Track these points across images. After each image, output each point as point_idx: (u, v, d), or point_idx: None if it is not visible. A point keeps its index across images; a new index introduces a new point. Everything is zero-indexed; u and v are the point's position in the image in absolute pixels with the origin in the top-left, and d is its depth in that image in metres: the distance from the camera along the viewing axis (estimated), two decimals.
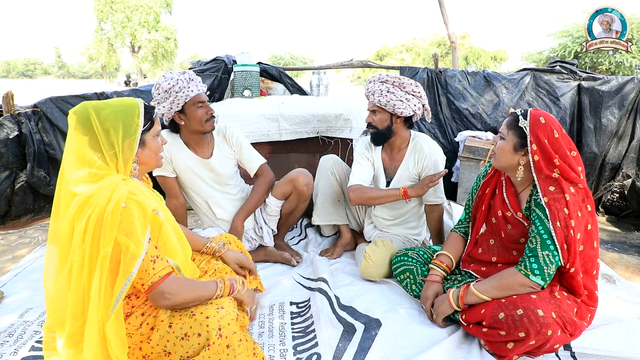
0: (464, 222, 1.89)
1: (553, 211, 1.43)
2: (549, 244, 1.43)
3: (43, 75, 63.37)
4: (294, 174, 2.30)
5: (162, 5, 31.36)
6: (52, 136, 3.01)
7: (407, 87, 2.06)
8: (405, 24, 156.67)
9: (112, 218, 1.13)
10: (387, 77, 2.07)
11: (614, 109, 3.44)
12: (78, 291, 1.16)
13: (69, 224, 1.17)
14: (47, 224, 2.97)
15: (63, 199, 1.21)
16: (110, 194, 1.15)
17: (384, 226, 2.36)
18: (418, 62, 30.67)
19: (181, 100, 1.99)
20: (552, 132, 1.48)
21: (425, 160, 2.14)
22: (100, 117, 1.21)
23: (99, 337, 1.15)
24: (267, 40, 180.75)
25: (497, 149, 1.59)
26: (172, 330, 1.25)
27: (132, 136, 1.24)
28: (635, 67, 9.83)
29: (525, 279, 1.45)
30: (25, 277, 2.12)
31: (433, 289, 1.73)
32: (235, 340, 1.25)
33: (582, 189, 1.49)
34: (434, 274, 1.77)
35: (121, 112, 1.24)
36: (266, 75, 3.69)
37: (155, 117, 1.36)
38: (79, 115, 1.22)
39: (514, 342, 1.43)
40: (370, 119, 2.13)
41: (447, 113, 3.63)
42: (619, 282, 2.08)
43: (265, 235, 2.38)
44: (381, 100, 2.04)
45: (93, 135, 1.20)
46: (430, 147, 2.16)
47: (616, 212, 3.43)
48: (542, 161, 1.48)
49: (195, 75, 2.06)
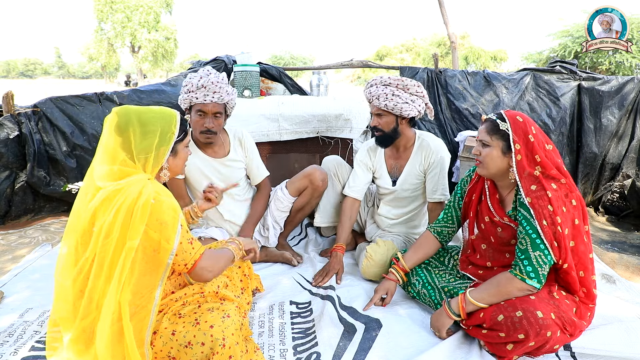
0: (441, 221, 1.89)
1: (537, 210, 1.44)
2: (538, 243, 1.43)
3: (43, 75, 63.40)
4: (310, 169, 2.34)
5: (162, 5, 31.36)
6: (52, 136, 3.01)
7: (410, 89, 2.07)
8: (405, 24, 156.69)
9: (142, 212, 1.16)
10: (390, 80, 2.06)
11: (614, 109, 3.44)
12: (96, 283, 1.17)
13: (91, 215, 1.19)
14: (47, 224, 2.97)
15: (88, 191, 1.25)
16: (141, 188, 1.19)
17: (387, 225, 2.37)
18: (418, 62, 30.68)
19: (187, 102, 2.03)
20: (531, 129, 1.51)
21: (432, 157, 2.16)
22: (141, 122, 1.26)
23: (113, 331, 1.15)
24: (267, 40, 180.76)
25: (484, 157, 1.58)
26: (175, 338, 1.26)
27: (166, 144, 1.30)
28: (635, 67, 9.84)
29: (522, 283, 1.45)
30: (25, 277, 2.13)
31: (385, 285, 1.85)
32: (238, 351, 1.25)
33: (564, 184, 1.49)
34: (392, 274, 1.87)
35: (160, 120, 1.30)
36: (266, 75, 3.69)
37: (188, 128, 1.43)
38: (120, 116, 1.26)
39: (513, 343, 1.43)
40: (375, 122, 2.13)
41: (447, 113, 3.63)
42: (619, 282, 2.08)
43: (271, 236, 2.39)
44: (388, 104, 2.04)
45: (128, 137, 1.24)
46: (436, 144, 2.19)
47: (616, 212, 3.43)
48: (525, 159, 1.49)
49: (218, 85, 1.99)
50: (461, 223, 1.86)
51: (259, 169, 2.33)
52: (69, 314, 1.22)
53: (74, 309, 1.21)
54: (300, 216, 2.46)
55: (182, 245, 1.25)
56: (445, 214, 1.88)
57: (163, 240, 1.20)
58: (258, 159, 2.33)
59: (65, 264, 1.24)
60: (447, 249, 1.97)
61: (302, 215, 2.46)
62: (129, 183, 1.20)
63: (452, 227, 1.87)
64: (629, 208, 3.35)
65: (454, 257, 1.91)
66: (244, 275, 1.78)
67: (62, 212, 3.17)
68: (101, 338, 1.14)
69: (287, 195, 2.36)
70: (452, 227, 1.87)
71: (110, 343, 1.14)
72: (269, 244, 2.39)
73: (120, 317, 1.15)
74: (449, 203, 1.89)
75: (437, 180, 2.17)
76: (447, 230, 1.88)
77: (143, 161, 1.26)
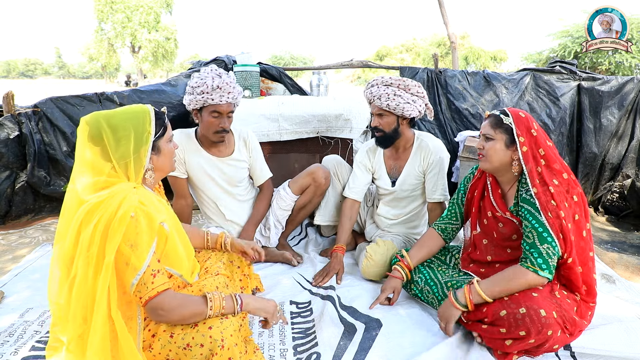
0: (444, 218, 1.91)
1: (543, 202, 1.46)
2: (545, 236, 1.45)
3: (43, 76, 63.43)
4: (314, 168, 2.35)
5: (162, 5, 31.39)
6: (52, 136, 3.01)
7: (412, 89, 2.07)
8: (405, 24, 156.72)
9: (119, 225, 1.12)
10: (391, 80, 2.06)
11: (614, 109, 3.45)
12: (83, 297, 1.15)
13: (76, 230, 1.16)
14: (47, 224, 2.97)
15: (72, 206, 1.20)
16: (121, 201, 1.14)
17: (387, 225, 2.37)
18: (418, 62, 30.69)
19: (200, 102, 2.00)
20: (533, 125, 1.55)
21: (430, 157, 2.16)
22: (111, 127, 1.20)
23: (103, 342, 1.13)
24: (267, 40, 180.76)
25: (487, 150, 1.60)
26: (173, 341, 1.24)
27: (144, 145, 1.23)
28: (635, 67, 9.84)
29: (535, 275, 1.45)
30: (25, 277, 2.13)
31: (391, 284, 1.84)
32: (237, 353, 1.23)
33: (566, 179, 1.52)
34: (397, 271, 1.86)
35: (131, 120, 1.22)
36: (266, 75, 3.70)
37: (167, 122, 1.34)
38: (91, 125, 1.20)
39: (512, 339, 1.43)
40: (376, 122, 2.12)
41: (447, 113, 3.63)
42: (619, 282, 2.08)
43: (272, 236, 2.40)
44: (390, 104, 2.04)
45: (104, 145, 1.19)
46: (435, 144, 2.19)
47: (616, 212, 3.43)
48: (530, 152, 1.53)
49: (231, 85, 2.00)
50: (464, 220, 1.87)
51: (262, 170, 2.33)
52: (64, 326, 1.21)
53: (66, 321, 1.20)
54: (302, 215, 2.46)
55: (144, 274, 1.16)
56: (449, 211, 1.90)
57: (134, 257, 1.14)
58: (262, 159, 2.33)
59: (53, 281, 1.23)
60: (449, 248, 1.98)
61: (304, 213, 2.46)
62: (111, 194, 1.16)
63: (456, 224, 1.89)
64: (628, 208, 3.35)
65: (455, 255, 1.92)
66: (244, 275, 1.78)
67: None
68: (91, 348, 1.13)
69: (290, 194, 2.36)
70: (455, 224, 1.89)
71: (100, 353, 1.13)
72: (269, 243, 2.40)
73: (114, 329, 1.14)
74: (452, 200, 1.90)
75: (436, 180, 2.17)
76: (451, 227, 1.89)
77: (124, 168, 1.20)
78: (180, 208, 2.18)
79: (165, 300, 1.19)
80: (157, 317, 1.21)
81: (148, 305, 1.19)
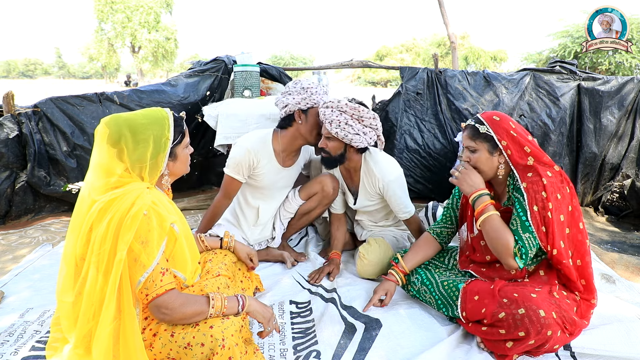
0: (440, 222, 1.92)
1: (531, 194, 1.48)
2: (527, 226, 1.48)
3: (43, 76, 63.45)
4: (323, 177, 2.33)
5: (162, 5, 31.41)
6: (52, 136, 3.01)
7: (365, 121, 1.98)
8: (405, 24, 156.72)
9: (132, 222, 1.14)
10: (347, 108, 1.95)
11: (614, 109, 3.44)
12: (93, 295, 1.16)
13: (88, 228, 1.17)
14: (47, 224, 2.97)
15: (84, 205, 1.22)
16: (134, 199, 1.16)
17: (370, 228, 2.41)
18: (418, 62, 30.70)
19: (311, 102, 2.05)
20: (510, 125, 1.56)
21: (379, 183, 2.12)
22: (131, 131, 1.21)
23: (110, 338, 1.14)
24: (267, 40, 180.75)
25: (474, 163, 1.61)
26: (174, 340, 1.24)
27: (162, 152, 1.25)
28: (635, 67, 9.84)
29: (511, 257, 1.48)
30: (25, 277, 2.13)
31: (384, 286, 1.84)
32: (238, 353, 1.23)
33: (557, 171, 1.54)
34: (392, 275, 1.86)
35: (151, 125, 1.24)
36: (266, 75, 3.69)
37: (185, 128, 1.35)
38: (110, 128, 1.22)
39: (513, 341, 1.43)
40: (324, 144, 2.05)
41: (447, 113, 3.63)
42: (619, 282, 2.08)
43: (277, 236, 2.41)
44: (338, 132, 1.96)
45: (122, 148, 1.20)
46: (381, 169, 2.11)
47: (616, 212, 3.43)
48: (515, 154, 1.54)
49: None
50: (460, 224, 1.87)
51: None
52: (71, 322, 1.22)
53: (74, 317, 1.21)
54: (304, 221, 2.45)
55: (154, 271, 1.19)
56: (444, 215, 1.91)
57: (144, 254, 1.16)
58: (320, 169, 2.43)
59: (65, 283, 1.24)
60: (447, 249, 1.98)
61: (306, 220, 2.44)
62: (124, 192, 1.18)
63: (451, 228, 1.90)
64: (628, 208, 3.36)
65: (454, 256, 1.92)
66: (245, 276, 1.78)
67: (62, 212, 3.17)
68: (97, 344, 1.14)
69: (297, 198, 2.37)
70: (451, 228, 1.90)
71: (106, 349, 1.14)
72: (273, 243, 2.41)
73: (118, 327, 1.15)
74: (447, 205, 1.91)
75: (395, 201, 2.14)
76: (447, 231, 1.90)
77: (138, 171, 1.22)
78: (221, 206, 2.20)
79: (170, 298, 1.21)
80: (160, 315, 1.22)
81: (153, 303, 1.20)
